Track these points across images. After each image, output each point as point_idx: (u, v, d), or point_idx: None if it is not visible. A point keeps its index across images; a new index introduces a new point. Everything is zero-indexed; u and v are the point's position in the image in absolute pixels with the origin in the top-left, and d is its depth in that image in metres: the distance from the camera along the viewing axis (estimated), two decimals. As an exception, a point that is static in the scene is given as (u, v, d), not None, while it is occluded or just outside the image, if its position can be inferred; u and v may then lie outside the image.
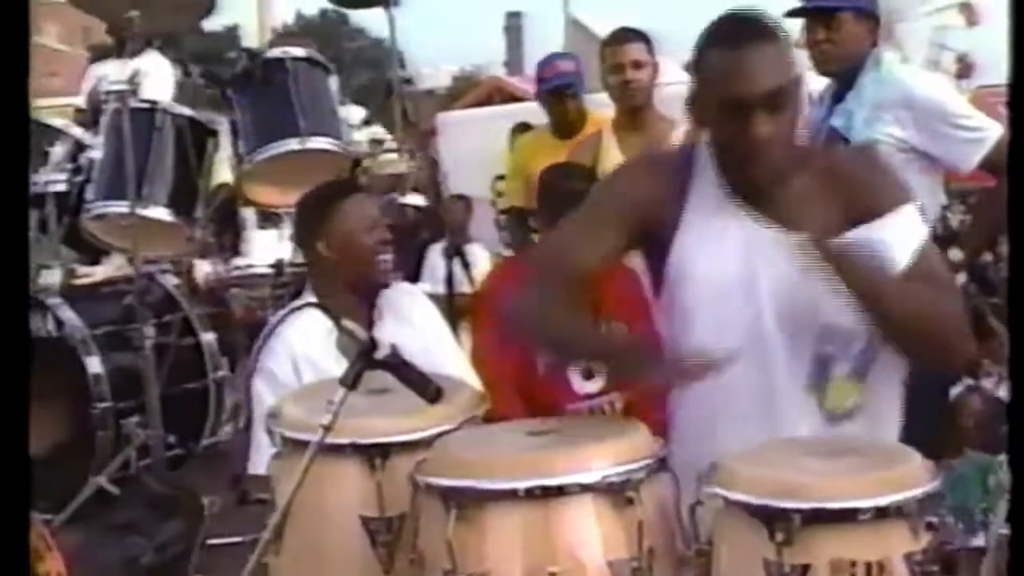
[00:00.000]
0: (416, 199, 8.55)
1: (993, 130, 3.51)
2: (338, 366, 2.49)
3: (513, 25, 21.18)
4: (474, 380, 3.34)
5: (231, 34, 24.66)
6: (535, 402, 3.80)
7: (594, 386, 3.93)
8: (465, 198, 7.46)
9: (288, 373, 3.10)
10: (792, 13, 3.76)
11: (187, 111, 4.79)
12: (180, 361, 4.75)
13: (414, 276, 7.08)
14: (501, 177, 6.55)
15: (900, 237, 2.18)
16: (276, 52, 4.74)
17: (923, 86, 3.61)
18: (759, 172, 2.25)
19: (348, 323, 2.25)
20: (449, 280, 5.38)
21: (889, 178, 2.34)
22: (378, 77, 12.57)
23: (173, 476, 4.48)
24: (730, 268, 2.27)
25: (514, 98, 11.98)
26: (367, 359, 2.17)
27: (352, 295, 3.22)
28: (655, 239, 2.37)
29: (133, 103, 4.63)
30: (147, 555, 3.76)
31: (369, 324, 3.22)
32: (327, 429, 2.11)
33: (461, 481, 1.94)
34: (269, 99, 4.55)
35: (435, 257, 6.74)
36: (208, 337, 4.84)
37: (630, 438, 2.02)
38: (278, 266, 4.86)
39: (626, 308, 4.02)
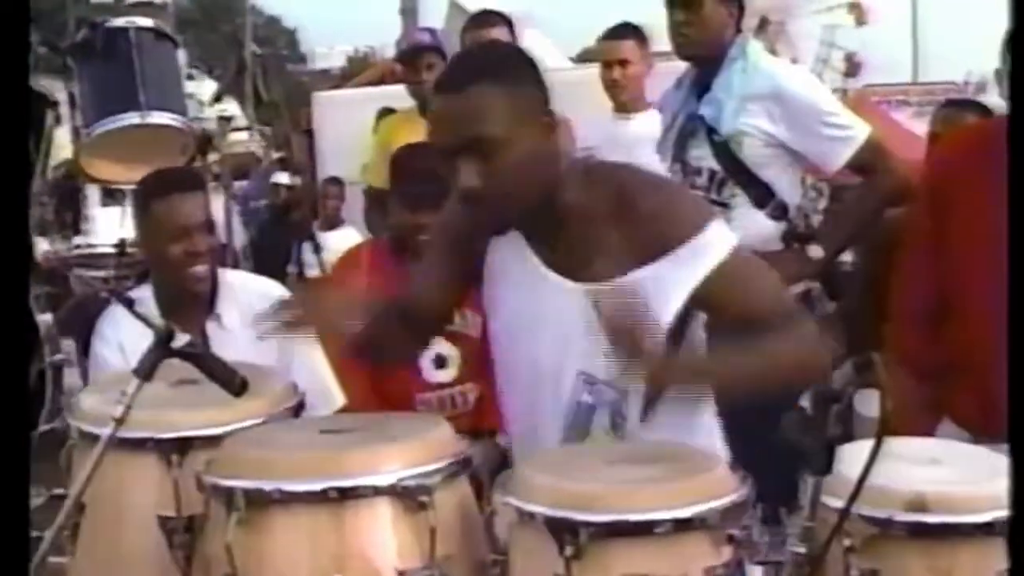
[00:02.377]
0: (288, 178, 8.41)
1: (861, 130, 3.46)
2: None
3: (408, 7, 20.91)
4: (329, 376, 3.23)
5: (119, 4, 24.09)
6: (386, 391, 3.70)
7: (446, 375, 3.84)
8: (339, 180, 7.29)
9: (117, 358, 2.97)
10: None
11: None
12: (14, 342, 4.54)
13: (284, 258, 6.94)
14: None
15: (688, 267, 2.08)
16: (120, 21, 4.53)
17: (794, 81, 3.54)
18: (476, 222, 2.18)
19: (143, 311, 2.11)
20: (299, 264, 5.26)
21: (683, 205, 2.18)
22: (268, 54, 12.38)
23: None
24: (522, 310, 2.21)
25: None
26: (162, 349, 2.04)
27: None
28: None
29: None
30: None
31: (203, 318, 3.09)
32: (118, 422, 1.98)
33: (242, 482, 1.82)
34: (110, 70, 4.35)
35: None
36: (45, 318, 4.62)
37: (427, 438, 1.91)
38: (121, 245, 4.68)
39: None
